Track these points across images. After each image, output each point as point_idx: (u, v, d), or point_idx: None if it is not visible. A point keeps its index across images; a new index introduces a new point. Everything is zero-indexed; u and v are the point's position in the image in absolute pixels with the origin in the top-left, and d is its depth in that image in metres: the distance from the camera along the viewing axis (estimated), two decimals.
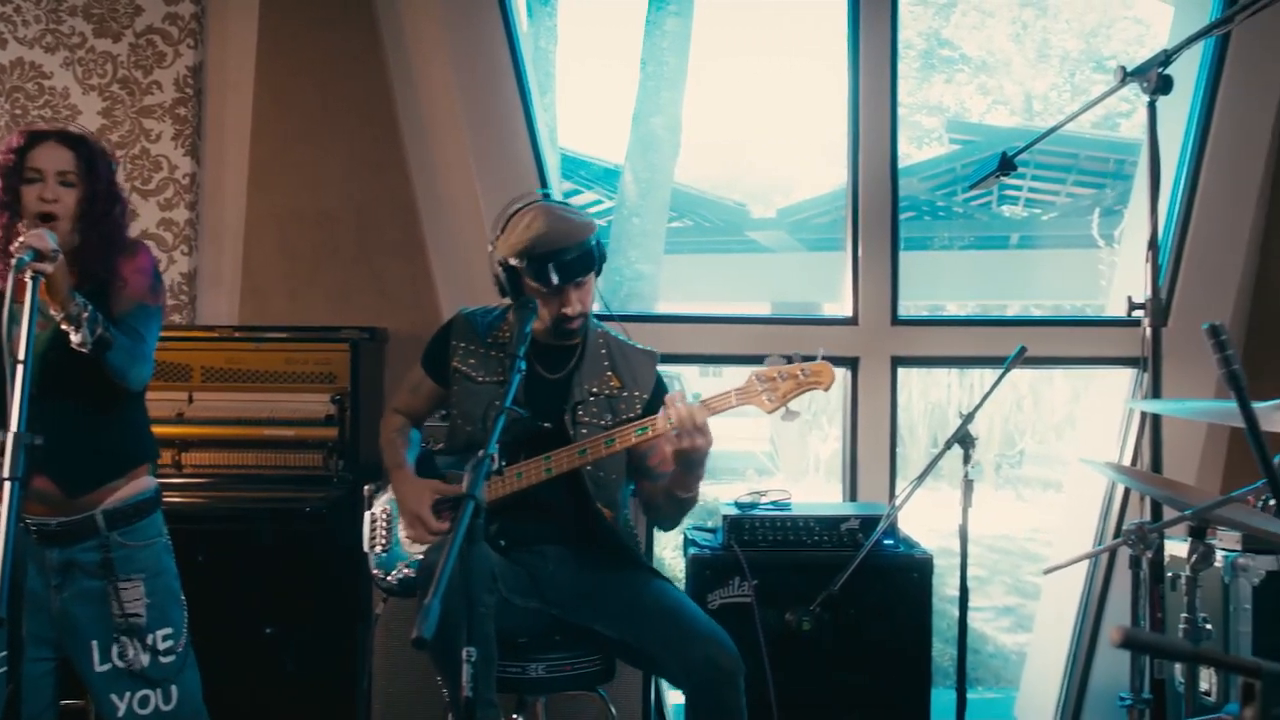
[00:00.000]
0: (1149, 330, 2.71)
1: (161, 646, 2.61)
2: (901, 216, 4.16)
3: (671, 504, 2.93)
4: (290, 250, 4.06)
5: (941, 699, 3.40)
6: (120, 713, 2.58)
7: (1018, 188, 13.04)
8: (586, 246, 2.85)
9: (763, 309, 12.54)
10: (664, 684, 3.69)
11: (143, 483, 2.66)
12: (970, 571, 2.97)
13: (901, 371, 4.16)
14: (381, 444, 3.10)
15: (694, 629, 2.76)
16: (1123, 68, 2.75)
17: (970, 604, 3.00)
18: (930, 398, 12.37)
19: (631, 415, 2.93)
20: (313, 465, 3.60)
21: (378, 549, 2.95)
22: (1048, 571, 2.84)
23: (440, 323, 3.34)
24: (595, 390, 2.97)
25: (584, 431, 2.90)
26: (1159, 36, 5.15)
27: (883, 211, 4.09)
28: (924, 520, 3.88)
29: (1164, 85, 2.68)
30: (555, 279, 2.81)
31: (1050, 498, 11.17)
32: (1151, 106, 2.73)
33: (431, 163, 4.06)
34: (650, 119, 8.59)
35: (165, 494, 2.78)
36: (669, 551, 6.91)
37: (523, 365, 2.48)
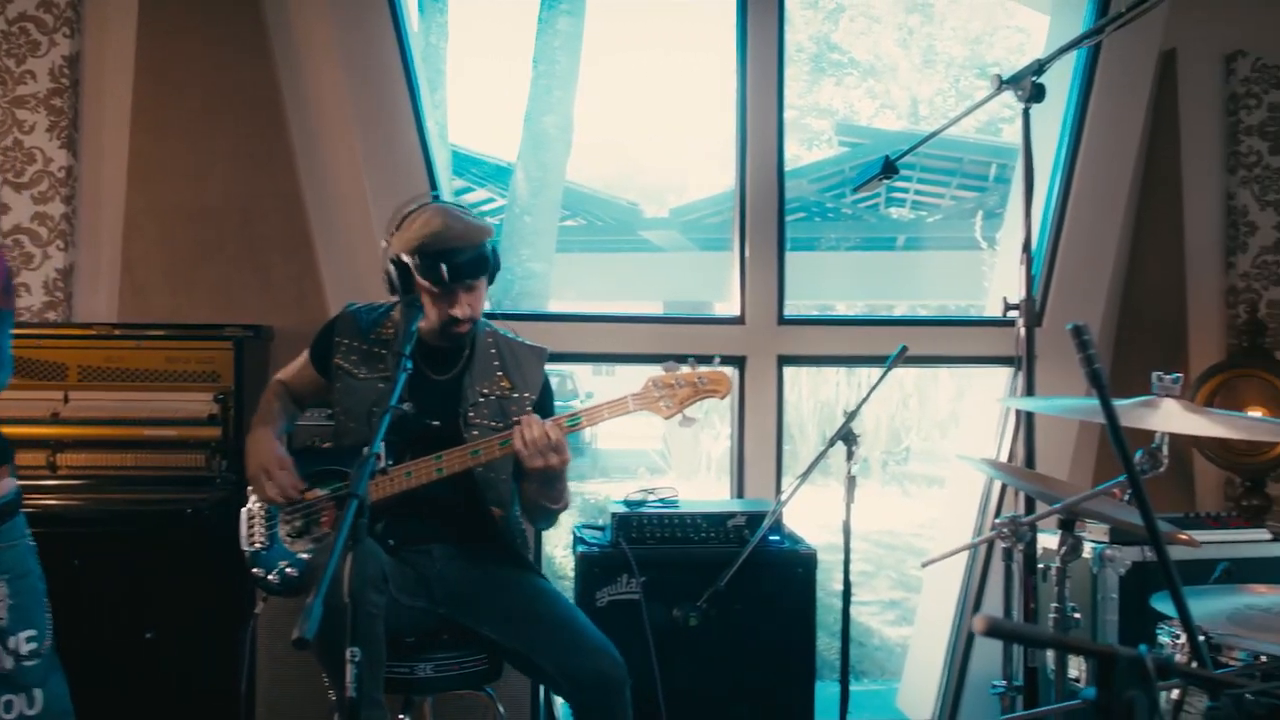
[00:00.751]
0: (1023, 330, 2.81)
1: (25, 650, 2.53)
2: (792, 218, 4.23)
3: (538, 510, 2.96)
4: (172, 246, 3.96)
5: (827, 691, 3.47)
6: None
7: (904, 190, 13.34)
8: (481, 250, 2.84)
9: (655, 308, 12.63)
10: None
11: (3, 485, 2.57)
12: (856, 566, 3.04)
13: (789, 370, 4.23)
14: (260, 403, 3.09)
15: (581, 640, 2.77)
16: (998, 76, 2.83)
17: (856, 598, 3.06)
18: (820, 396, 12.58)
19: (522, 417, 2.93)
20: (195, 466, 3.52)
21: (256, 545, 2.90)
22: (925, 565, 2.93)
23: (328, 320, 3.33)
24: (486, 392, 2.96)
25: (475, 434, 2.89)
26: (1039, 45, 5.33)
27: (769, 213, 4.14)
28: (812, 516, 3.95)
29: (1037, 93, 2.77)
30: (447, 277, 2.80)
31: (934, 493, 11.44)
32: (1026, 114, 2.82)
33: (319, 158, 4.01)
34: (542, 117, 8.59)
35: (40, 496, 2.71)
36: (559, 550, 6.91)
37: (409, 364, 2.47)
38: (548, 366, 3.10)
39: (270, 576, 2.87)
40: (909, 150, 3.29)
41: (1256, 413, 3.94)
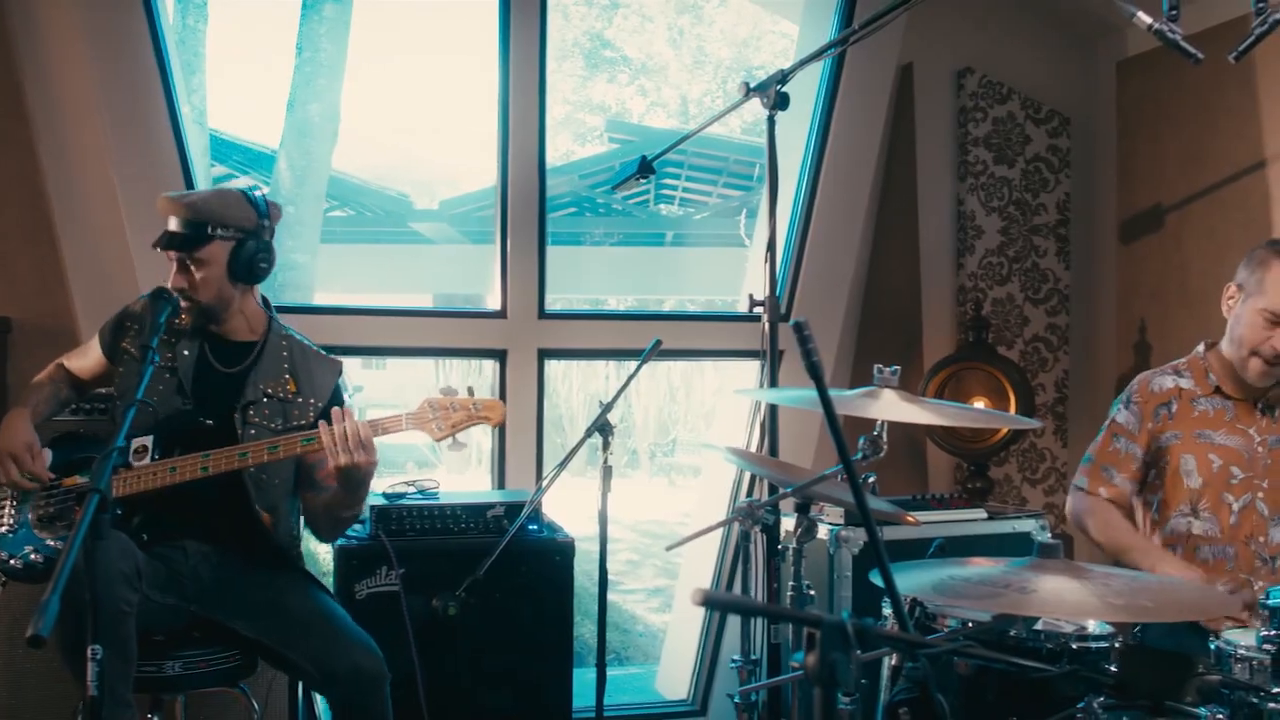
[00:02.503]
0: (767, 326, 2.97)
1: None
2: (563, 213, 4.31)
3: (329, 519, 2.94)
4: None
5: (588, 676, 3.56)
6: None
7: (673, 188, 13.64)
8: (196, 224, 2.84)
9: (426, 301, 12.54)
10: None
11: None
12: (623, 555, 3.14)
13: (555, 364, 4.30)
14: (31, 383, 3.01)
15: (338, 636, 2.77)
16: (746, 83, 2.97)
17: (622, 586, 3.17)
18: (590, 389, 12.75)
19: (304, 422, 2.93)
20: None
21: (3, 529, 2.80)
22: (669, 549, 3.06)
23: (72, 313, 3.23)
24: (270, 391, 2.94)
25: (252, 432, 2.87)
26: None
27: (530, 208, 4.20)
28: (579, 507, 4.04)
29: (781, 101, 2.91)
30: (158, 242, 2.83)
31: (699, 483, 11.76)
32: (771, 120, 2.95)
33: (63, 143, 3.82)
34: (307, 105, 8.41)
35: None
36: (322, 548, 6.81)
37: (155, 357, 2.45)
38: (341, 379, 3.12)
39: (13, 561, 2.78)
40: (665, 151, 3.41)
41: (979, 403, 4.26)
